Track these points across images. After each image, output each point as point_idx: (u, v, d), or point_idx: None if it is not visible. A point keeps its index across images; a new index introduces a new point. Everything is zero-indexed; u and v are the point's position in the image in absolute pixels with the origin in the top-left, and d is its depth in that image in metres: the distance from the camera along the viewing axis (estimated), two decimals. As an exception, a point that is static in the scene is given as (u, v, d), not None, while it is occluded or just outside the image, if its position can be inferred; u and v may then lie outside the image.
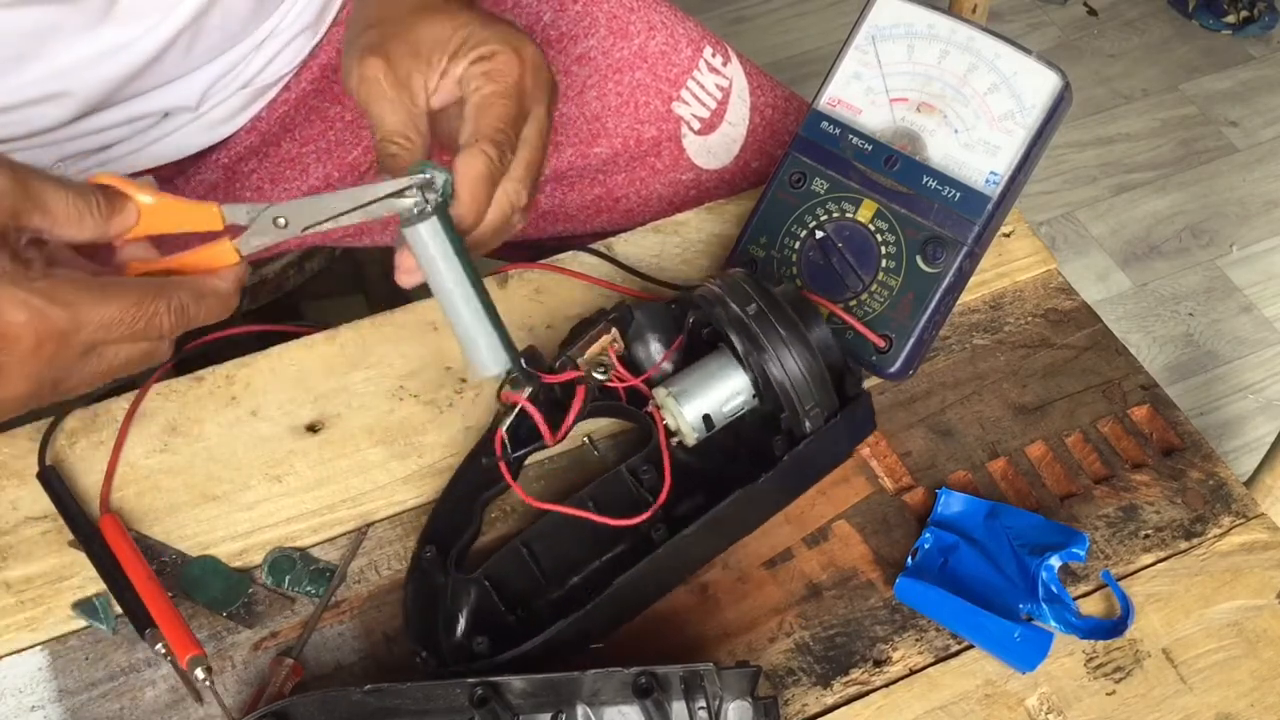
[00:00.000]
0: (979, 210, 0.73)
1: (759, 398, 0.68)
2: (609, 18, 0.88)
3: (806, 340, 0.66)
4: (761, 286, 0.67)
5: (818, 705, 0.65)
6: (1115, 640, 0.67)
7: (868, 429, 0.72)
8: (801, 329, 0.66)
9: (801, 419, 0.66)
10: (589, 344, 0.69)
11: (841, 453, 0.72)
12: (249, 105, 0.83)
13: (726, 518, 0.66)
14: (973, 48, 0.74)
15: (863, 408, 0.69)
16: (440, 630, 0.64)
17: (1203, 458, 0.74)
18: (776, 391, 0.66)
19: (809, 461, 0.69)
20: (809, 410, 0.66)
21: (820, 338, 0.67)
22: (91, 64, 0.69)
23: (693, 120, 0.90)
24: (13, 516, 0.70)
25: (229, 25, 0.75)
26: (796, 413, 0.66)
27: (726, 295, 0.67)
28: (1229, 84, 2.16)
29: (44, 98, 0.70)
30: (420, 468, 0.73)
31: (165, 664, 0.64)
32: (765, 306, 0.66)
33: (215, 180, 0.83)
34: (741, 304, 0.66)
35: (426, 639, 0.64)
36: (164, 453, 0.73)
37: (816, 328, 0.67)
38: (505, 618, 0.65)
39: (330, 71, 0.85)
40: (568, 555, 0.67)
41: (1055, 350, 0.79)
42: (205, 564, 0.68)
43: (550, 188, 0.92)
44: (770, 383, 0.66)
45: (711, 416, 0.67)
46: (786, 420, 0.67)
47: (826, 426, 0.67)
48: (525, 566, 0.67)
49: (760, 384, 0.67)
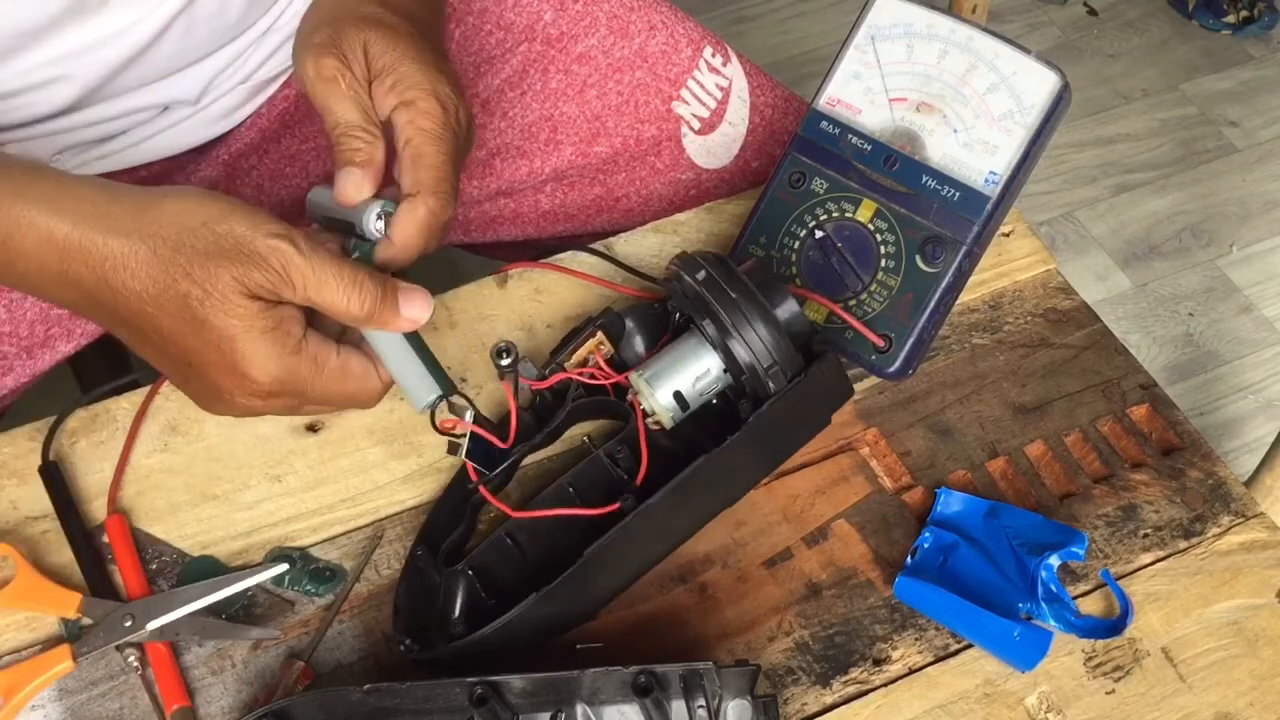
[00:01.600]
0: (978, 210, 0.73)
1: (730, 373, 0.68)
2: (609, 17, 0.88)
3: (758, 301, 0.66)
4: (716, 256, 0.68)
5: (817, 704, 0.65)
6: (1114, 639, 0.67)
7: (842, 393, 0.72)
8: (752, 290, 0.66)
9: (764, 379, 0.66)
10: (575, 349, 0.70)
11: (817, 419, 0.72)
12: (249, 100, 0.83)
13: (694, 486, 0.66)
14: (972, 47, 0.74)
15: (830, 365, 0.69)
16: (434, 627, 0.65)
17: (1202, 457, 0.74)
18: (739, 361, 0.66)
19: (778, 425, 0.68)
20: (769, 370, 0.66)
21: (781, 304, 0.67)
22: (90, 49, 0.70)
23: (693, 120, 0.90)
24: (13, 516, 0.70)
25: (226, 14, 0.75)
26: (758, 374, 0.66)
27: (680, 269, 0.68)
28: (1229, 84, 2.16)
29: (44, 83, 0.70)
30: (420, 467, 0.73)
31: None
32: (714, 272, 0.67)
33: (216, 177, 0.83)
34: (692, 273, 0.67)
35: (415, 631, 0.64)
36: (164, 452, 0.73)
37: (775, 294, 0.67)
38: (488, 604, 0.65)
39: None
40: (551, 543, 0.68)
41: (1055, 350, 0.79)
42: (205, 563, 0.68)
43: (550, 187, 0.92)
44: (732, 353, 0.66)
45: (684, 394, 0.68)
46: (749, 383, 0.67)
47: (791, 386, 0.67)
48: (509, 555, 0.67)
49: (726, 357, 0.67)
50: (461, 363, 0.78)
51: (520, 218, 0.93)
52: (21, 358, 0.78)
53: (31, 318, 0.77)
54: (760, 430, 0.67)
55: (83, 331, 0.80)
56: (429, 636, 0.64)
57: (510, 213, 0.93)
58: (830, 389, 0.71)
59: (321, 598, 0.68)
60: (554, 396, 0.71)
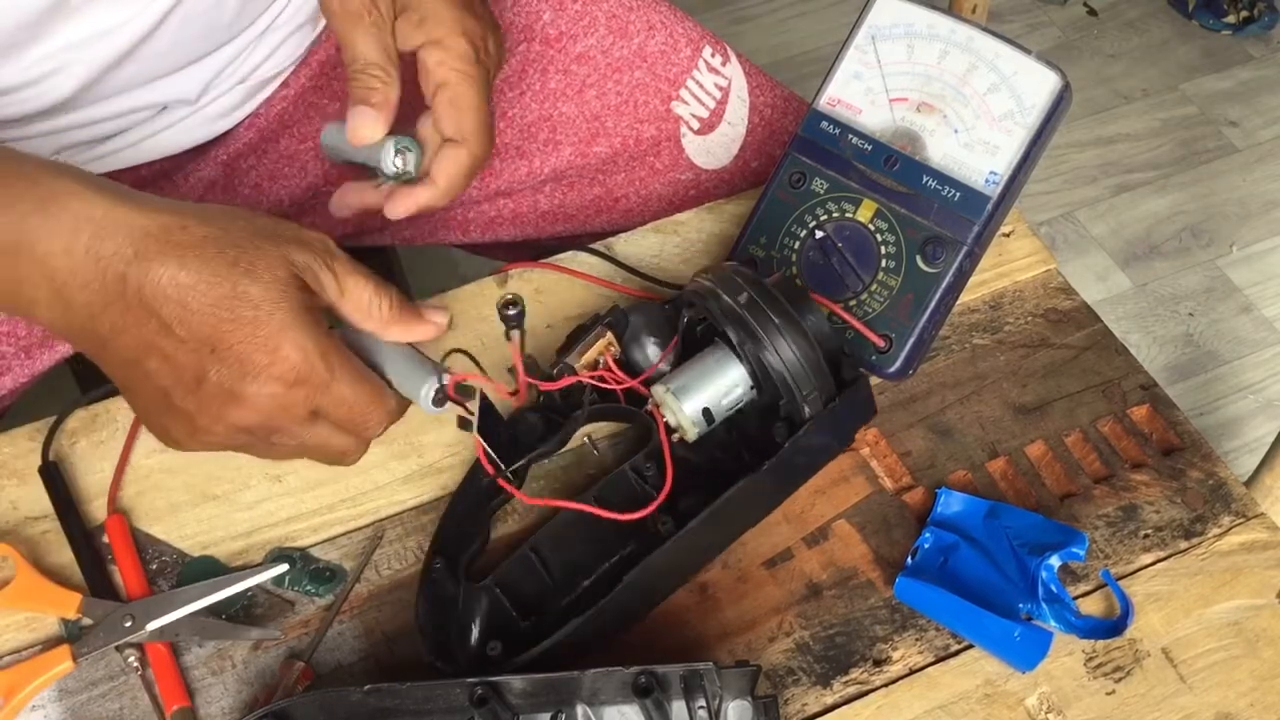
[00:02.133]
0: (979, 210, 0.73)
1: (757, 389, 0.68)
2: (608, 17, 0.88)
3: (800, 326, 0.66)
4: (752, 276, 0.67)
5: (817, 705, 0.65)
6: (1115, 640, 0.67)
7: (868, 413, 0.72)
8: (795, 315, 0.66)
9: (800, 404, 0.66)
10: (585, 350, 0.69)
11: (844, 439, 0.72)
12: (247, 100, 0.83)
13: (732, 508, 0.66)
14: (972, 48, 0.74)
15: (861, 391, 0.69)
16: (454, 640, 0.64)
17: (1202, 457, 0.74)
18: (774, 380, 0.66)
19: (811, 448, 0.69)
20: (807, 396, 0.66)
21: (814, 323, 0.67)
22: (86, 43, 0.69)
23: (692, 120, 0.90)
24: (13, 516, 0.70)
25: (221, 10, 0.75)
26: (795, 399, 0.66)
27: (718, 288, 0.67)
28: (1229, 84, 2.16)
29: (41, 77, 0.70)
30: (420, 468, 0.73)
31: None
32: (757, 295, 0.66)
33: (214, 177, 0.83)
34: (733, 295, 0.66)
35: (441, 650, 0.63)
36: (164, 452, 0.73)
37: (810, 314, 0.67)
38: (518, 624, 0.65)
39: (329, 68, 0.85)
40: (576, 559, 0.67)
41: (1055, 350, 0.79)
42: (204, 564, 0.68)
43: (550, 188, 0.92)
44: (768, 372, 0.66)
45: (711, 410, 0.67)
46: (785, 407, 0.67)
47: (826, 411, 0.67)
48: (535, 572, 0.67)
49: (758, 374, 0.67)
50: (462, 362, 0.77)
51: (519, 218, 0.93)
52: (20, 357, 0.78)
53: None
54: (794, 453, 0.67)
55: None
56: (449, 649, 0.64)
57: (509, 213, 0.93)
58: (859, 410, 0.71)
59: (321, 598, 0.68)
60: (561, 397, 0.71)
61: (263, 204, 0.85)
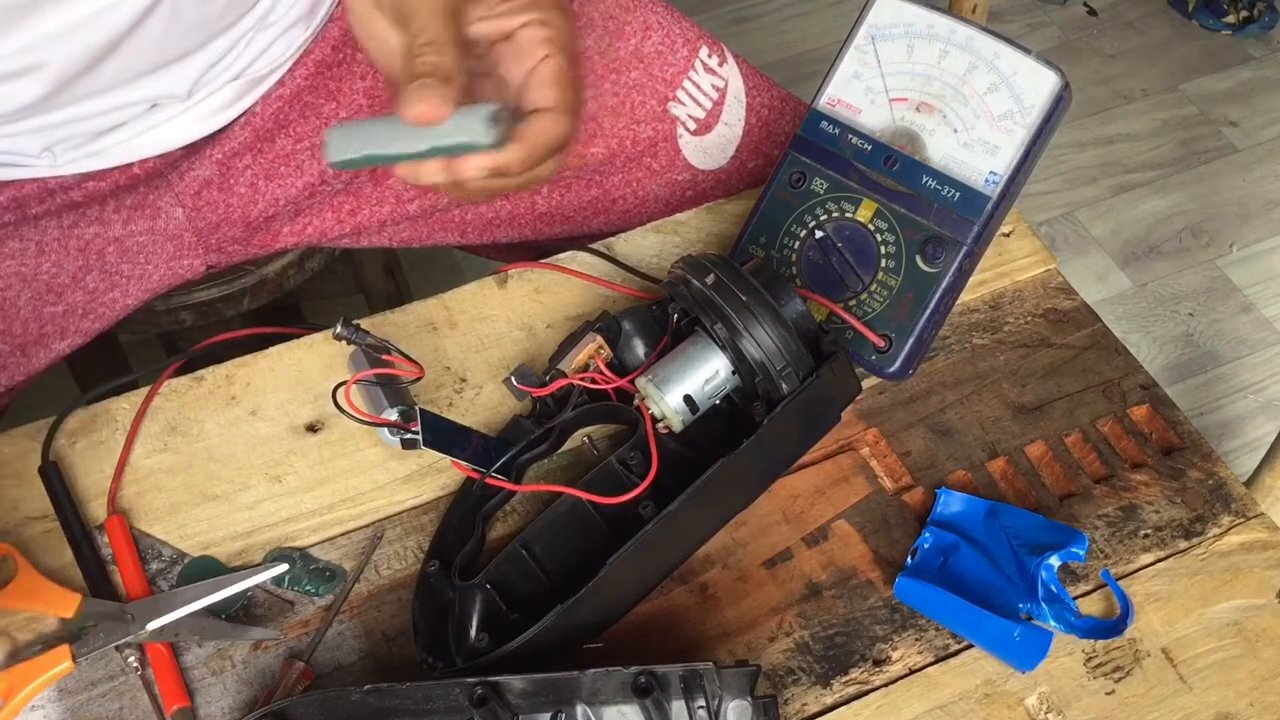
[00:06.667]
0: (979, 210, 0.73)
1: (739, 374, 0.68)
2: (605, 17, 0.88)
3: (766, 301, 0.66)
4: (722, 259, 0.68)
5: (817, 705, 0.65)
6: (1115, 640, 0.67)
7: (852, 390, 0.72)
8: (762, 292, 0.66)
9: (777, 381, 0.66)
10: (575, 355, 0.70)
11: (829, 416, 0.72)
12: (241, 98, 0.82)
13: (714, 489, 0.66)
14: (972, 47, 0.74)
15: (840, 364, 0.69)
16: (451, 641, 0.64)
17: (1202, 457, 0.74)
18: (750, 363, 0.66)
19: (792, 425, 0.69)
20: (782, 371, 0.66)
21: (788, 303, 0.67)
22: (65, 35, 0.68)
23: (689, 121, 0.90)
24: (13, 516, 0.70)
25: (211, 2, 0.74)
26: (771, 376, 0.66)
27: (688, 273, 0.68)
28: (1229, 84, 2.16)
29: (20, 71, 0.69)
30: (420, 468, 0.73)
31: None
32: (723, 275, 0.67)
33: (209, 175, 0.82)
34: (701, 277, 0.67)
35: (436, 648, 0.64)
36: (164, 452, 0.73)
37: (784, 294, 0.68)
38: (509, 619, 0.65)
39: (325, 67, 0.84)
40: (567, 553, 0.67)
41: (1055, 350, 0.79)
42: (204, 564, 0.68)
43: (547, 189, 0.91)
44: (743, 355, 0.66)
45: (694, 397, 0.68)
46: (762, 385, 0.67)
47: (804, 387, 0.67)
48: (526, 568, 0.67)
49: (736, 359, 0.67)
50: (461, 363, 0.78)
51: (517, 219, 0.93)
52: (15, 355, 0.78)
53: (25, 315, 0.77)
54: (775, 431, 0.67)
55: (78, 329, 0.80)
56: (446, 651, 0.64)
57: (507, 214, 0.92)
58: (841, 386, 0.71)
59: (321, 598, 0.68)
60: (556, 403, 0.71)
61: (259, 204, 0.85)
